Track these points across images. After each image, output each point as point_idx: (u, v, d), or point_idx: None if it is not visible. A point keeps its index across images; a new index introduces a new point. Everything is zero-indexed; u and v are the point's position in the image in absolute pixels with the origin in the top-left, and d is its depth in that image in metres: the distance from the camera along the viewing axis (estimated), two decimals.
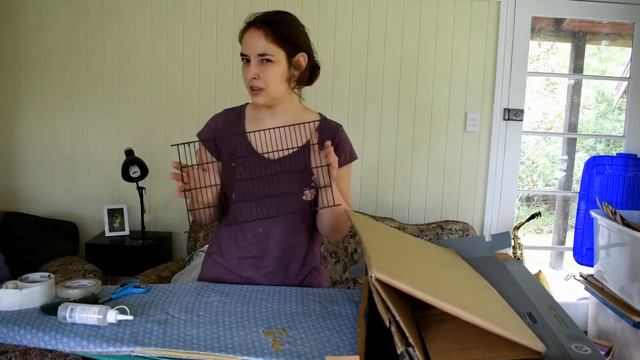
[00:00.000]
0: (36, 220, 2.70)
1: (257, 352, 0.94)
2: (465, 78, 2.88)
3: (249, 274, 1.38)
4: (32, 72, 2.76)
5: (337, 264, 2.63)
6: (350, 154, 1.45)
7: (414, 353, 0.75)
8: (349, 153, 1.45)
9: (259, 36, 1.28)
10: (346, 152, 1.44)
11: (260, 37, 1.28)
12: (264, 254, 1.38)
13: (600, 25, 3.30)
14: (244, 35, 1.31)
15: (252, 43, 1.29)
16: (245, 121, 1.41)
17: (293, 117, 1.41)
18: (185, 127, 2.80)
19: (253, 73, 1.29)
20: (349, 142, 1.46)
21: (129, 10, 2.74)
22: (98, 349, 0.97)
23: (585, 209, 2.98)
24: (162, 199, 2.85)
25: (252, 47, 1.29)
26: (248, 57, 1.30)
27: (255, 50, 1.28)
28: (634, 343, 2.33)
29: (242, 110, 1.44)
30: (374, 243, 1.03)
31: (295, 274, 1.41)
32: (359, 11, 2.80)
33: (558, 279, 3.38)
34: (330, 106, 2.83)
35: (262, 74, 1.29)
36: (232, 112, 1.44)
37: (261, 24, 1.29)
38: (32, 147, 2.81)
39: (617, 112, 4.18)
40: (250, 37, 1.29)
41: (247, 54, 1.30)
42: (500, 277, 1.10)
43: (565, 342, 0.79)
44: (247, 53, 1.30)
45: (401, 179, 2.92)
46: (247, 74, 1.30)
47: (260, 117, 1.41)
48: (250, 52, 1.29)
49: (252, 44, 1.29)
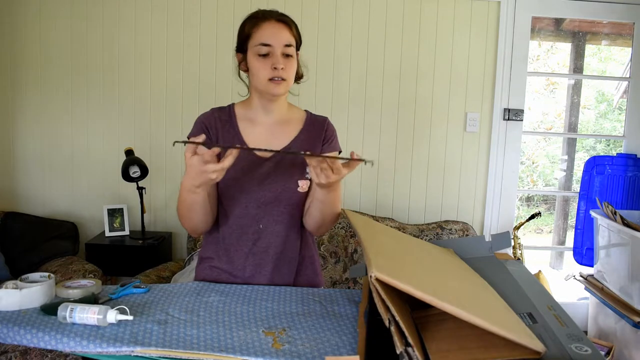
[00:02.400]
0: (36, 220, 2.70)
1: (257, 352, 0.94)
2: (465, 78, 2.88)
3: (251, 272, 1.39)
4: (32, 72, 2.76)
5: (337, 264, 2.63)
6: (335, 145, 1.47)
7: (413, 353, 0.75)
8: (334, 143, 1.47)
9: (283, 27, 1.31)
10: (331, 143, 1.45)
11: (285, 28, 1.31)
12: (265, 250, 1.38)
13: (600, 25, 3.30)
14: (263, 26, 1.31)
15: (278, 34, 1.30)
16: (238, 120, 1.41)
17: (283, 114, 1.43)
18: (185, 127, 2.78)
19: (282, 62, 1.29)
20: (335, 133, 1.47)
21: (129, 10, 2.75)
22: (98, 349, 0.97)
23: (585, 209, 2.98)
24: (162, 199, 2.85)
25: (279, 38, 1.30)
26: (269, 49, 1.29)
27: (282, 41, 1.30)
28: (634, 343, 2.33)
29: (231, 109, 1.43)
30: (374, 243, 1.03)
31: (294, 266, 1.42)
32: (359, 11, 2.80)
33: (558, 279, 3.38)
34: (330, 106, 2.83)
35: (286, 66, 1.31)
36: (221, 111, 1.43)
37: (281, 17, 1.33)
38: (32, 147, 2.81)
39: (617, 112, 4.18)
40: (274, 28, 1.30)
41: (272, 44, 1.29)
42: (500, 277, 1.10)
43: (565, 342, 0.79)
44: (272, 43, 1.29)
45: (401, 179, 2.92)
46: (273, 64, 1.29)
47: (253, 116, 1.41)
48: (276, 43, 1.29)
49: (278, 35, 1.30)
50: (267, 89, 1.33)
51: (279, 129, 1.41)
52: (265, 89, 1.33)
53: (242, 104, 1.44)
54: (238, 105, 1.44)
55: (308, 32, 1.43)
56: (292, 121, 1.43)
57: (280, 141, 1.40)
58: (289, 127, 1.42)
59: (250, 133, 1.40)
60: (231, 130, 1.39)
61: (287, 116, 1.43)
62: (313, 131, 1.42)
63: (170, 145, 2.81)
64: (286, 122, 1.42)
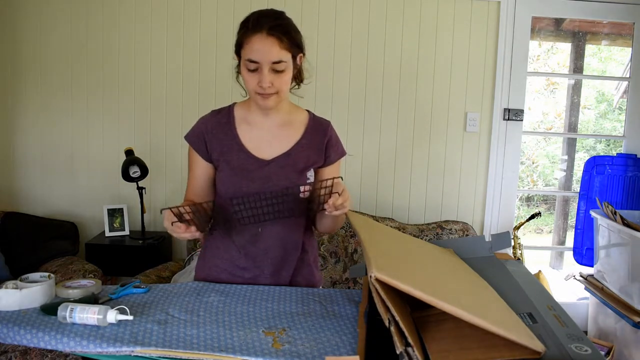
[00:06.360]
0: (36, 220, 2.70)
1: (257, 352, 0.94)
2: (465, 78, 2.88)
3: (252, 274, 1.39)
4: (32, 73, 2.76)
5: (337, 264, 2.63)
6: (340, 150, 1.47)
7: (413, 353, 0.75)
8: (340, 149, 1.47)
9: (272, 43, 1.24)
10: (337, 149, 1.46)
11: (274, 44, 1.24)
12: (265, 253, 1.38)
13: (600, 25, 3.30)
14: (252, 40, 1.24)
15: (265, 51, 1.24)
16: (236, 122, 1.40)
17: (284, 116, 1.41)
18: (185, 127, 2.77)
19: (268, 81, 1.26)
20: (338, 137, 1.47)
21: (129, 10, 2.74)
22: (98, 349, 0.97)
23: (585, 209, 2.98)
24: (162, 199, 2.85)
25: (266, 55, 1.24)
26: (257, 66, 1.25)
27: (270, 58, 1.24)
28: (634, 343, 2.33)
29: (230, 111, 1.42)
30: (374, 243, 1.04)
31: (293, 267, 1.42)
32: (359, 11, 2.80)
33: (558, 279, 3.38)
34: (330, 106, 2.83)
35: (276, 81, 1.27)
36: (220, 114, 1.42)
37: (272, 31, 1.24)
38: (32, 147, 2.81)
39: (617, 112, 4.18)
40: (262, 45, 1.23)
41: (260, 61, 1.24)
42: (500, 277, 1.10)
43: (565, 342, 0.79)
44: (259, 60, 1.24)
45: (401, 179, 2.92)
46: (259, 82, 1.26)
47: (252, 118, 1.40)
48: (264, 60, 1.24)
49: (266, 52, 1.24)
50: (257, 102, 1.33)
51: (280, 132, 1.40)
52: (255, 101, 1.33)
53: (243, 105, 1.43)
54: (238, 105, 1.44)
55: (308, 32, 1.41)
56: (293, 124, 1.41)
57: (282, 145, 1.39)
58: (290, 131, 1.40)
59: (249, 135, 1.39)
60: (229, 132, 1.39)
61: (289, 118, 1.41)
62: (315, 135, 1.41)
63: (170, 145, 2.82)
64: (287, 124, 1.41)
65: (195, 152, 1.40)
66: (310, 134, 1.41)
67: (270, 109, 1.35)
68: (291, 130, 1.41)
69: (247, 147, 1.37)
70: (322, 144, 1.42)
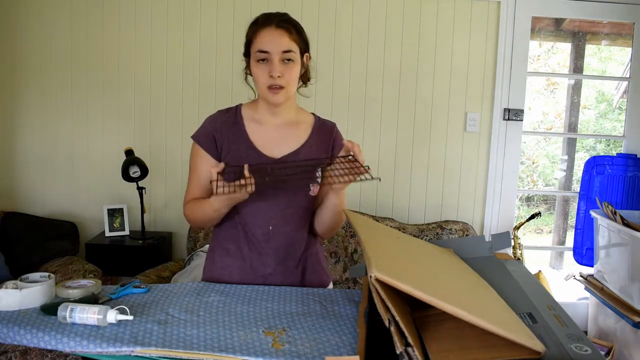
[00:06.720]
0: (36, 220, 2.70)
1: (257, 352, 0.94)
2: (465, 78, 2.88)
3: (262, 272, 1.39)
4: (32, 73, 2.76)
5: (337, 264, 2.63)
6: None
7: (413, 353, 0.75)
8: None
9: (281, 34, 1.29)
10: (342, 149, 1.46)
11: (284, 35, 1.29)
12: (275, 252, 1.39)
13: (600, 25, 3.30)
14: (262, 33, 1.30)
15: (275, 41, 1.28)
16: (245, 121, 1.41)
17: (291, 116, 1.43)
18: (185, 127, 2.80)
19: (279, 71, 1.29)
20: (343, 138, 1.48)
21: (129, 10, 2.75)
22: (98, 349, 0.97)
23: (585, 209, 2.98)
24: (162, 199, 2.85)
25: (277, 45, 1.28)
26: (267, 56, 1.29)
27: (280, 47, 1.29)
28: (634, 343, 2.33)
29: (237, 111, 1.43)
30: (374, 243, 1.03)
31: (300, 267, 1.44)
32: (359, 11, 2.80)
33: (558, 279, 3.38)
34: (330, 106, 2.83)
35: (285, 72, 1.30)
36: (227, 113, 1.43)
37: (281, 24, 1.30)
38: (32, 147, 2.81)
39: (617, 112, 4.18)
40: (272, 35, 1.29)
41: (270, 50, 1.28)
42: (500, 277, 1.10)
43: (565, 342, 0.79)
44: (269, 50, 1.28)
45: (401, 179, 2.92)
46: (270, 72, 1.29)
47: (260, 117, 1.41)
48: (274, 50, 1.28)
49: (276, 42, 1.28)
50: (267, 97, 1.34)
51: (288, 131, 1.41)
52: (265, 97, 1.34)
53: (249, 105, 1.44)
54: (245, 106, 1.45)
55: (308, 32, 1.42)
56: (300, 124, 1.43)
57: (290, 144, 1.40)
58: (298, 131, 1.42)
59: (258, 134, 1.40)
60: (238, 131, 1.39)
61: (296, 119, 1.43)
62: (322, 136, 1.44)
63: (170, 145, 2.82)
64: (295, 124, 1.42)
65: (203, 151, 1.39)
66: (317, 134, 1.43)
67: (279, 104, 1.36)
68: (299, 130, 1.42)
69: (256, 145, 1.38)
70: (329, 145, 1.44)
